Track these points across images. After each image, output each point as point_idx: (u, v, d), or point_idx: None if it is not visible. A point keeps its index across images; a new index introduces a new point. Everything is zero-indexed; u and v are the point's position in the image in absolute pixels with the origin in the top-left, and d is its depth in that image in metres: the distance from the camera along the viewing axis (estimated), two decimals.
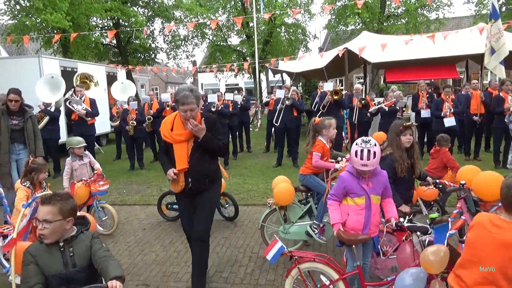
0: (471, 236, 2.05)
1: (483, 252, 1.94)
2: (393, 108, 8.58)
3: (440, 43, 12.15)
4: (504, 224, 1.95)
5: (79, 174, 5.26)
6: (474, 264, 1.98)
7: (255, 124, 15.68)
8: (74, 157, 5.29)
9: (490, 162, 8.13)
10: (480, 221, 2.05)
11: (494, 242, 1.91)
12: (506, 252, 1.86)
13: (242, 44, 23.90)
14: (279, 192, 4.21)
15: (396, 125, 3.70)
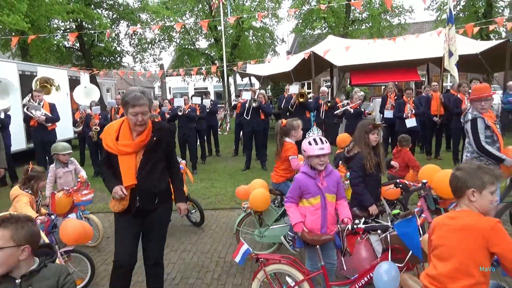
0: (435, 238, 2.12)
1: (450, 247, 2.00)
2: (358, 110, 8.77)
3: (402, 47, 12.59)
4: (457, 213, 2.08)
5: (64, 182, 4.93)
6: (445, 260, 2.02)
7: (224, 128, 15.61)
8: (59, 163, 4.93)
9: (450, 161, 8.45)
10: (439, 221, 2.15)
11: (455, 233, 1.99)
12: (469, 237, 1.93)
13: (210, 48, 23.80)
14: (254, 198, 4.15)
15: (365, 124, 3.79)
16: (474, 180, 2.00)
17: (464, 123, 4.07)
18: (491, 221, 1.94)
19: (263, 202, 4.14)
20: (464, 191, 2.03)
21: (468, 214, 2.02)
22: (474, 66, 12.85)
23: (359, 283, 2.96)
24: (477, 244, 1.91)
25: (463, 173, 2.04)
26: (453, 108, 8.26)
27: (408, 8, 22.34)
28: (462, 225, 1.99)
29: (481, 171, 2.02)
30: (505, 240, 1.89)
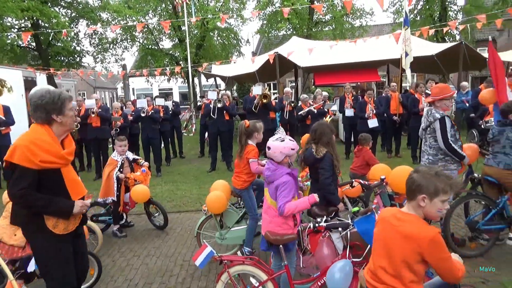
0: (377, 231, 2.17)
1: (389, 245, 2.05)
2: (322, 110, 8.93)
3: (363, 49, 12.96)
4: (404, 216, 2.06)
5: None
6: (383, 257, 2.09)
7: (189, 129, 15.43)
8: None
9: (410, 158, 8.79)
10: (385, 216, 2.16)
11: (397, 235, 2.02)
12: (407, 244, 1.96)
13: (174, 48, 23.43)
14: (210, 201, 4.12)
15: (329, 125, 3.84)
16: (429, 186, 1.97)
17: (431, 122, 4.15)
18: (431, 232, 1.94)
19: (219, 205, 4.11)
20: (416, 195, 2.01)
21: (413, 222, 2.01)
22: (430, 67, 13.45)
23: (321, 280, 3.01)
24: (414, 252, 1.94)
25: (419, 177, 2.01)
26: (411, 108, 8.60)
27: (369, 10, 23.04)
28: (404, 232, 1.99)
29: (437, 178, 1.98)
30: (440, 253, 1.93)
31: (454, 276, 1.99)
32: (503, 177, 4.10)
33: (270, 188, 3.12)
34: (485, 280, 3.64)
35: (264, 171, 3.13)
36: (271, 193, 3.09)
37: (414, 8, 22.83)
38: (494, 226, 4.15)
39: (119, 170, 5.13)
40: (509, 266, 3.89)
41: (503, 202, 4.12)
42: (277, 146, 3.08)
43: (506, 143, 4.09)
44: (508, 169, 4.06)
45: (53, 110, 2.51)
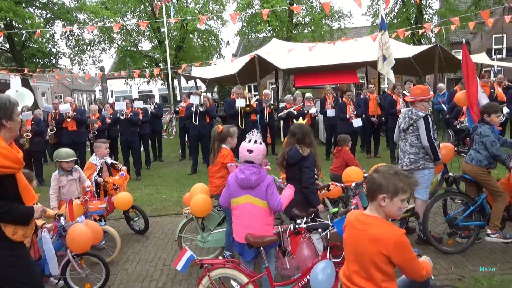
0: (345, 235, 2.19)
1: (357, 248, 2.06)
2: (301, 112, 8.99)
3: (342, 51, 13.12)
4: (368, 219, 2.06)
5: (67, 192, 4.57)
6: (354, 261, 2.11)
7: (170, 132, 15.27)
8: (62, 171, 4.58)
9: (388, 158, 8.94)
10: (349, 220, 2.17)
11: (364, 239, 2.03)
12: (373, 246, 1.98)
13: (154, 50, 23.19)
14: (196, 204, 4.06)
15: (303, 125, 3.91)
16: (389, 186, 1.97)
17: (415, 120, 4.25)
18: (396, 234, 1.95)
19: (205, 208, 4.07)
20: (377, 195, 2.01)
21: (377, 224, 2.02)
22: (407, 69, 13.73)
23: (302, 281, 3.02)
24: (380, 253, 1.96)
25: (379, 177, 2.00)
26: (388, 109, 8.75)
27: (347, 13, 23.39)
28: (369, 235, 2.00)
29: (397, 177, 1.98)
30: (405, 254, 1.95)
31: (420, 275, 2.02)
32: (476, 174, 4.22)
33: (257, 191, 3.10)
34: (461, 277, 3.73)
35: (248, 176, 3.08)
36: (260, 195, 3.09)
37: (391, 11, 23.32)
38: (472, 223, 4.27)
39: (97, 174, 5.03)
40: (484, 262, 4.00)
41: (481, 199, 4.24)
42: (260, 149, 3.12)
43: (477, 139, 4.23)
44: (480, 166, 4.18)
45: (4, 115, 2.44)
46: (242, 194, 3.13)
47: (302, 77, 13.34)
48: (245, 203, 3.12)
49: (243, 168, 3.12)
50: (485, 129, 4.15)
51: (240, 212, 3.15)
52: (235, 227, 3.20)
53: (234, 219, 3.21)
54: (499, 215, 4.14)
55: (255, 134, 3.17)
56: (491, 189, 4.17)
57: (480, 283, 3.58)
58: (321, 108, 9.91)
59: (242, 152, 3.14)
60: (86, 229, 3.65)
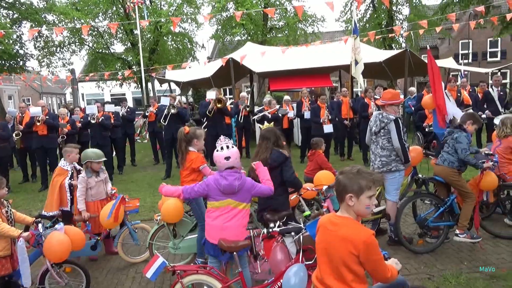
0: (318, 237, 2.21)
1: (329, 250, 2.09)
2: (276, 115, 9.03)
3: (316, 55, 13.29)
4: (339, 220, 2.10)
5: (95, 193, 4.48)
6: (326, 262, 2.12)
7: (143, 136, 15.02)
8: (89, 173, 4.45)
9: (361, 160, 9.10)
10: (322, 223, 2.21)
11: (335, 239, 2.07)
12: (344, 246, 2.01)
13: (127, 52, 22.76)
14: (166, 210, 3.97)
15: (273, 129, 3.98)
16: (353, 185, 2.01)
17: (387, 123, 4.34)
18: (365, 234, 1.99)
19: (176, 214, 3.99)
20: (344, 196, 2.05)
21: (347, 224, 2.06)
22: (379, 73, 14.06)
23: (275, 285, 3.02)
24: (351, 253, 1.99)
25: (343, 178, 2.05)
26: (360, 112, 8.92)
27: (320, 18, 23.72)
28: (340, 235, 2.04)
29: (359, 176, 2.03)
30: (373, 255, 1.99)
31: (385, 277, 2.06)
32: (448, 175, 4.36)
33: (239, 195, 3.13)
34: (431, 276, 3.83)
35: (232, 182, 3.08)
36: (242, 198, 3.14)
37: (363, 16, 23.88)
38: (442, 223, 4.41)
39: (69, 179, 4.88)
40: (452, 261, 4.12)
41: (451, 200, 4.38)
42: (234, 153, 3.16)
43: (451, 143, 4.38)
44: (451, 167, 4.33)
45: None
46: (223, 198, 3.15)
47: (276, 80, 13.42)
48: (226, 206, 3.14)
49: (225, 175, 3.12)
50: (461, 136, 4.30)
51: (218, 214, 3.15)
52: (210, 229, 3.18)
53: (210, 220, 3.18)
54: (467, 216, 4.28)
55: (223, 140, 3.16)
56: (461, 190, 4.31)
57: (449, 281, 3.69)
58: (298, 111, 10.00)
59: (220, 161, 3.13)
60: (64, 237, 3.51)
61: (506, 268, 3.88)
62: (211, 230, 3.17)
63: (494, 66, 24.15)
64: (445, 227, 4.42)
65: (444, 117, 4.89)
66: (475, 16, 21.02)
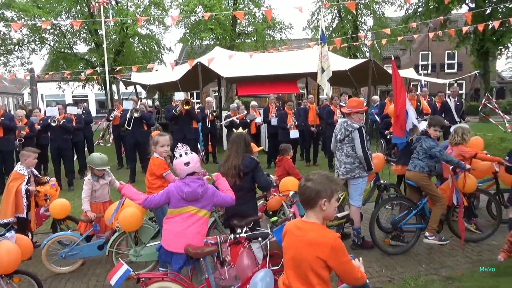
0: (285, 242, 2.24)
1: (296, 255, 2.12)
2: (244, 120, 9.06)
3: (283, 62, 13.48)
4: (305, 225, 2.14)
5: (99, 195, 4.50)
6: (292, 268, 2.15)
7: (107, 139, 14.60)
8: (94, 176, 4.44)
9: (326, 166, 9.29)
10: (289, 228, 2.24)
11: (302, 244, 2.10)
12: (311, 251, 2.05)
13: (90, 53, 22.10)
14: (124, 219, 3.86)
15: (242, 134, 4.01)
16: (326, 190, 2.08)
17: (351, 132, 4.45)
18: (332, 237, 2.05)
19: (135, 222, 3.88)
20: (317, 201, 2.08)
21: (314, 228, 2.10)
22: (344, 81, 14.44)
23: None
24: (318, 258, 2.04)
25: (315, 184, 2.10)
26: (326, 119, 9.12)
27: (288, 24, 24.15)
28: (307, 240, 2.07)
29: (330, 181, 2.12)
30: (341, 257, 2.05)
31: (355, 277, 2.11)
32: (419, 179, 4.55)
33: (201, 202, 3.11)
34: (391, 279, 3.97)
35: (195, 189, 3.06)
36: (204, 205, 3.13)
37: (330, 25, 24.54)
38: (414, 225, 4.62)
39: (26, 184, 4.66)
40: (411, 263, 4.29)
41: (422, 204, 4.58)
42: (194, 158, 3.15)
43: (420, 150, 4.58)
44: (422, 172, 4.52)
45: None
46: (185, 205, 3.10)
47: (244, 86, 13.49)
48: (186, 213, 3.10)
49: (188, 182, 3.09)
50: (429, 143, 4.49)
51: (177, 221, 3.10)
52: (167, 235, 3.12)
53: (168, 226, 3.13)
54: (437, 219, 4.49)
55: (181, 148, 3.15)
56: (431, 194, 4.51)
57: (408, 283, 3.83)
58: (265, 116, 10.08)
59: (180, 168, 3.10)
60: (14, 246, 3.32)
61: (461, 270, 4.08)
62: (167, 237, 3.12)
63: (451, 77, 25.50)
64: (417, 230, 4.62)
65: (402, 126, 5.08)
66: (434, 29, 22.12)
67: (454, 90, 10.30)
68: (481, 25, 13.14)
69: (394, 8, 25.46)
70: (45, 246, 4.25)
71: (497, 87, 32.34)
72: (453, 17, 26.22)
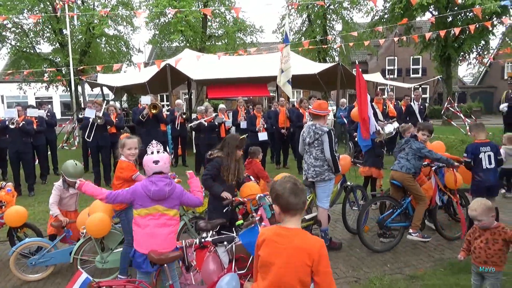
0: (263, 253, 2.05)
1: (281, 263, 1.98)
2: (213, 123, 8.97)
3: (254, 65, 13.48)
4: (287, 232, 2.02)
5: (66, 204, 4.43)
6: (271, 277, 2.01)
7: (71, 142, 14.10)
8: (66, 184, 4.36)
9: (296, 169, 9.35)
10: (268, 237, 2.07)
11: (288, 252, 1.97)
12: (299, 258, 1.96)
13: (55, 53, 21.31)
14: (91, 225, 3.73)
15: (235, 138, 4.09)
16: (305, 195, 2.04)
17: (320, 135, 4.48)
18: (318, 243, 1.99)
19: (102, 228, 3.76)
20: (303, 208, 2.03)
21: (297, 234, 2.01)
22: (314, 85, 14.63)
23: None
24: (304, 263, 1.94)
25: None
26: (295, 122, 9.20)
27: (259, 28, 24.22)
28: (295, 246, 1.97)
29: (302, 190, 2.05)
30: (326, 266, 1.97)
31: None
32: (405, 179, 4.68)
33: (168, 201, 3.05)
34: (357, 279, 4.02)
35: (162, 188, 2.99)
36: (171, 204, 3.08)
37: (300, 30, 24.86)
38: (399, 224, 4.76)
39: None
40: (377, 263, 4.36)
41: (406, 202, 4.73)
42: (165, 158, 3.09)
43: (409, 151, 4.72)
44: (408, 173, 4.66)
45: None
46: (151, 205, 3.03)
47: (214, 88, 13.39)
48: (156, 213, 3.03)
49: (155, 180, 3.02)
50: (419, 144, 4.66)
51: (147, 222, 3.03)
52: (140, 238, 3.04)
53: (139, 229, 3.04)
54: (420, 217, 4.65)
55: (155, 145, 3.09)
56: (415, 193, 4.66)
57: (373, 283, 3.89)
58: (234, 119, 10.03)
59: (148, 165, 3.03)
60: None
61: (424, 268, 4.19)
62: (140, 239, 3.03)
63: (416, 81, 26.35)
64: (401, 228, 4.74)
65: (368, 129, 5.18)
66: (400, 35, 22.87)
67: (417, 94, 10.66)
68: (442, 32, 13.68)
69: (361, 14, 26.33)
70: (14, 253, 4.05)
71: (459, 92, 33.80)
72: (417, 24, 27.23)
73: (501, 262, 3.12)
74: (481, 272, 3.17)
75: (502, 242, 3.09)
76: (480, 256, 3.15)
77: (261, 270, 2.07)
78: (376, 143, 5.63)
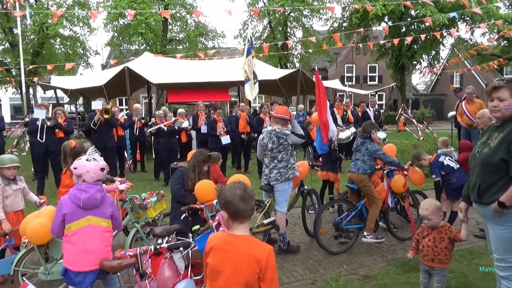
0: (212, 261, 2.01)
1: (229, 271, 1.94)
2: (172, 128, 8.85)
3: (215, 70, 13.46)
4: (235, 240, 1.97)
5: (11, 203, 4.07)
6: (220, 284, 1.98)
7: (21, 147, 13.36)
8: (5, 179, 4.00)
9: (257, 174, 9.38)
10: (216, 244, 2.03)
11: (235, 260, 1.93)
12: (248, 264, 1.91)
13: (4, 53, 20.20)
14: (33, 231, 3.47)
15: (203, 153, 4.25)
16: (254, 201, 2.01)
17: (285, 139, 4.52)
18: (266, 250, 1.95)
19: (44, 234, 3.49)
20: (251, 215, 2.00)
21: (247, 241, 1.97)
22: (275, 90, 14.82)
23: None
24: (253, 271, 1.90)
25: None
26: (256, 127, 9.26)
27: (220, 33, 24.28)
28: (243, 253, 1.93)
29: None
30: (273, 273, 1.94)
31: None
32: (361, 181, 4.81)
33: (100, 210, 2.94)
34: (314, 281, 4.09)
35: (94, 195, 2.87)
36: (104, 214, 2.97)
37: (261, 36, 25.15)
38: (354, 226, 4.88)
39: None
40: (333, 265, 4.46)
41: (361, 205, 4.85)
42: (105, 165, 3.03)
43: (365, 153, 4.85)
44: (365, 174, 4.81)
45: None
46: (83, 216, 2.88)
47: (175, 92, 13.23)
48: (86, 225, 2.88)
49: (84, 187, 2.88)
50: (374, 145, 4.82)
51: (80, 237, 2.86)
52: (71, 256, 2.85)
53: (71, 246, 2.86)
54: (373, 220, 4.79)
55: (93, 150, 3.02)
56: (369, 195, 4.80)
57: (329, 284, 3.98)
58: (194, 124, 9.93)
59: (95, 171, 2.91)
60: None
61: (377, 268, 4.34)
62: (72, 257, 2.85)
63: (372, 88, 27.43)
64: (357, 230, 4.88)
65: (327, 133, 5.31)
66: (357, 43, 23.73)
67: (372, 101, 11.09)
68: (396, 40, 14.38)
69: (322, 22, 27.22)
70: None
71: (412, 99, 35.50)
72: (374, 33, 28.37)
73: (447, 260, 3.31)
74: (428, 269, 3.34)
75: (448, 240, 3.27)
76: (428, 254, 3.31)
77: (210, 278, 2.03)
78: (332, 149, 5.78)
